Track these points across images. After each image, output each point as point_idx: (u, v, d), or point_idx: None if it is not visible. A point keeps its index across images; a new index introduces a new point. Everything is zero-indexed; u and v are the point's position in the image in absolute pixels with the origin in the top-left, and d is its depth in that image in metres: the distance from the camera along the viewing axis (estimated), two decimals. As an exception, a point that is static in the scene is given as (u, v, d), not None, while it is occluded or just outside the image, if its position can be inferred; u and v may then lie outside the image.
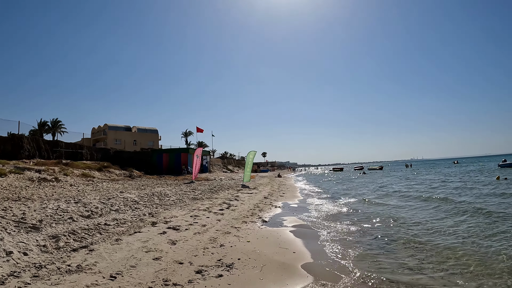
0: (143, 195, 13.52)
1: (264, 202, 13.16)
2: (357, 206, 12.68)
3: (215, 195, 15.56)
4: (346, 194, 17.35)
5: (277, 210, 11.08)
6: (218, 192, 16.92)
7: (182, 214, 9.73)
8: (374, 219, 9.49)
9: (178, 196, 14.14)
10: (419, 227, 8.23)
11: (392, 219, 9.35)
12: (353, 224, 8.81)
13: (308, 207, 12.32)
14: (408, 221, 9.00)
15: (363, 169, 74.93)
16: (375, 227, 8.40)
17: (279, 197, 15.80)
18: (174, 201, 12.48)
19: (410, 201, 13.65)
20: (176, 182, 23.14)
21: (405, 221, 9.01)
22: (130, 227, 7.84)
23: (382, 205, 12.68)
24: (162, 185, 20.34)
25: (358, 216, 10.10)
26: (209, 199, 13.68)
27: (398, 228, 8.17)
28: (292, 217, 9.82)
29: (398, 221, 9.11)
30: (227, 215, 9.71)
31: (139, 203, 11.65)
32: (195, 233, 7.14)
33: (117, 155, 39.11)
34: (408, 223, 8.73)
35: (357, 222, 9.11)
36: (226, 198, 14.32)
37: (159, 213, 9.84)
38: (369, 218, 9.61)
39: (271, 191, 19.30)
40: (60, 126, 63.17)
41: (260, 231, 7.50)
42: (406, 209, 11.62)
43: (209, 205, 11.89)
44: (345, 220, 9.39)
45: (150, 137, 64.36)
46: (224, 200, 13.34)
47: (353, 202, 14.06)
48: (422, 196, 14.71)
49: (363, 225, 8.55)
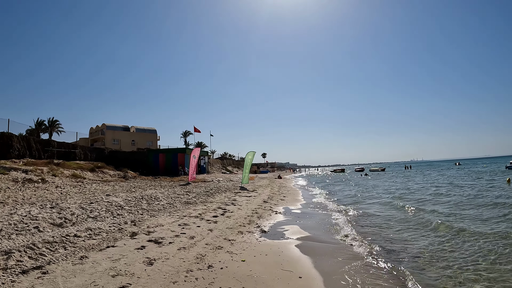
0: (131, 199, 12.32)
1: (264, 207, 11.94)
2: (373, 213, 11.42)
3: (211, 198, 14.34)
4: (356, 198, 15.97)
5: (278, 217, 9.85)
6: (214, 195, 15.71)
7: (170, 222, 8.51)
8: (407, 231, 8.23)
9: (169, 200, 12.92)
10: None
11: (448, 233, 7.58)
12: (374, 242, 7.50)
13: (314, 213, 11.09)
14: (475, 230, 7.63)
15: (364, 171, 73.76)
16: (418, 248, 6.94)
17: (279, 201, 14.57)
18: (164, 206, 11.27)
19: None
20: (171, 184, 21.94)
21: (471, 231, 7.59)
22: (104, 239, 6.62)
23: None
24: (155, 187, 19.15)
25: (374, 224, 8.89)
26: (203, 204, 12.47)
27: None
28: (295, 226, 8.58)
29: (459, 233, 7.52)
30: (221, 223, 8.50)
31: (124, 208, 10.43)
32: (180, 248, 5.92)
33: (112, 155, 38.02)
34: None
35: (377, 233, 7.88)
36: (222, 202, 13.11)
37: (143, 221, 8.63)
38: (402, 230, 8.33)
39: (271, 194, 18.08)
40: (57, 126, 62.28)
41: (258, 246, 6.27)
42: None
43: (202, 210, 10.68)
44: (364, 230, 8.17)
45: (148, 137, 63.26)
46: (219, 205, 12.13)
47: (366, 206, 12.81)
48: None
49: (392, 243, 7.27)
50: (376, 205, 13.36)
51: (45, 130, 60.40)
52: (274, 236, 7.15)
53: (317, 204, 14.00)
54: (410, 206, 11.93)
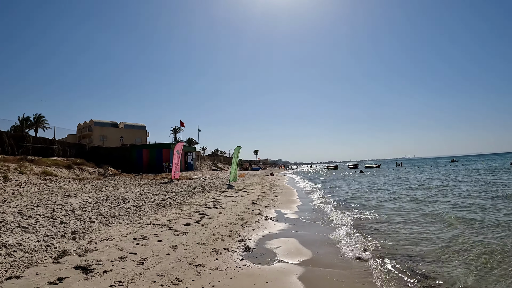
0: (92, 201, 10.15)
1: (251, 211, 9.86)
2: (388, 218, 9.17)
3: (190, 199, 12.24)
4: (363, 200, 13.65)
5: (268, 225, 7.75)
6: (196, 196, 13.61)
7: (124, 234, 6.40)
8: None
9: (139, 201, 10.78)
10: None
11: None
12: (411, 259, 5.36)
13: (314, 219, 8.98)
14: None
15: (358, 167, 72.19)
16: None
17: (271, 202, 12.49)
18: (128, 210, 9.12)
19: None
20: (152, 182, 19.76)
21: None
22: (13, 264, 4.51)
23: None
24: (132, 185, 16.98)
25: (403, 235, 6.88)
26: (178, 206, 10.36)
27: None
28: (292, 239, 6.45)
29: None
30: (193, 235, 6.41)
31: (75, 213, 8.27)
32: (114, 284, 3.83)
33: (94, 151, 35.64)
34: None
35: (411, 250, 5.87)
36: (202, 204, 11.02)
37: (89, 232, 6.51)
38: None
39: (261, 193, 16.03)
40: (43, 122, 59.73)
41: (237, 277, 4.19)
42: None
43: (175, 215, 8.58)
44: (381, 243, 6.16)
45: (137, 133, 60.76)
46: (198, 208, 10.02)
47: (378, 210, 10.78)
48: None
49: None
50: (386, 207, 11.36)
51: (31, 126, 57.98)
52: (262, 258, 5.07)
53: (316, 206, 11.90)
54: (449, 212, 9.23)
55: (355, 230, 7.28)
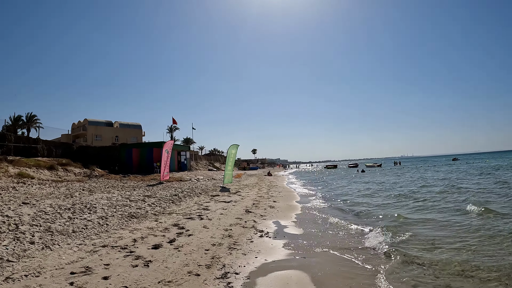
0: (52, 210, 8.35)
1: (244, 223, 8.03)
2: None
3: (174, 206, 10.41)
4: (377, 208, 11.01)
5: (264, 247, 5.85)
6: (182, 201, 11.79)
7: (62, 265, 4.58)
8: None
9: (110, 210, 8.94)
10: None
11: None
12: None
13: (323, 236, 6.90)
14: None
15: (358, 166, 70.50)
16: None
17: (268, 209, 10.63)
18: (88, 224, 7.28)
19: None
20: (138, 184, 17.92)
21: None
22: None
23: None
24: (114, 188, 15.19)
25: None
26: (156, 217, 8.54)
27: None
28: (299, 274, 4.43)
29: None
30: (157, 265, 4.59)
31: (20, 228, 6.47)
32: None
33: (82, 151, 33.81)
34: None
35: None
36: (185, 213, 9.20)
37: (18, 260, 4.70)
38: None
39: (258, 197, 14.20)
40: (36, 121, 57.96)
41: None
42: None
43: (146, 231, 6.77)
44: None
45: (133, 132, 58.92)
46: (179, 219, 8.19)
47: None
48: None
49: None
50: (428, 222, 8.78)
51: (23, 125, 56.27)
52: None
53: (322, 214, 10.09)
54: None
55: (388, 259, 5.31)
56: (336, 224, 8.26)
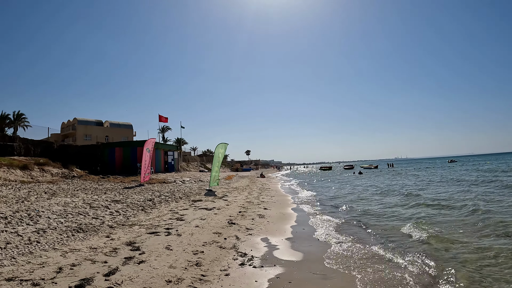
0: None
1: (223, 240, 6.15)
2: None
3: (142, 215, 8.51)
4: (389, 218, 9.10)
5: (243, 286, 4.05)
6: (154, 208, 9.87)
7: None
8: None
9: (57, 220, 7.02)
10: None
11: None
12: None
13: (334, 264, 5.02)
14: None
15: (354, 168, 69.04)
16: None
17: (257, 218, 8.73)
18: (10, 241, 5.35)
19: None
20: (114, 186, 15.96)
21: None
22: None
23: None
24: (86, 190, 13.28)
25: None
26: (112, 230, 6.63)
27: None
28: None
29: None
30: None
31: None
32: None
33: (63, 149, 31.67)
34: None
35: None
36: (152, 224, 7.31)
37: None
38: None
39: (247, 202, 12.33)
40: (23, 120, 55.87)
41: None
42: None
43: (84, 255, 4.88)
44: None
45: (123, 132, 56.90)
46: (138, 234, 6.28)
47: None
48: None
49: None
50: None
51: (10, 124, 54.19)
52: None
53: (326, 225, 8.24)
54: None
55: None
56: (346, 242, 6.41)
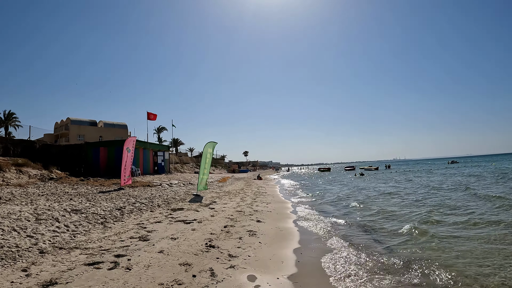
0: None
1: (188, 283, 4.14)
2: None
3: (96, 231, 6.50)
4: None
5: None
6: (119, 220, 7.85)
7: None
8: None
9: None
10: None
11: None
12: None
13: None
14: None
15: (355, 169, 67.33)
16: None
17: (246, 237, 6.58)
18: None
19: None
20: (88, 191, 13.92)
21: None
22: None
23: None
24: (53, 195, 11.39)
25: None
26: (34, 258, 4.61)
27: None
28: None
29: None
30: None
31: None
32: None
33: (45, 149, 29.64)
34: None
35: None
36: (102, 247, 5.30)
37: None
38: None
39: (237, 212, 10.28)
40: (14, 120, 54.00)
41: None
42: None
43: None
44: None
45: (118, 132, 54.89)
46: (69, 267, 4.25)
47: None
48: None
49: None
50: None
51: (1, 124, 52.47)
52: None
53: (343, 248, 6.13)
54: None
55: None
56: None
